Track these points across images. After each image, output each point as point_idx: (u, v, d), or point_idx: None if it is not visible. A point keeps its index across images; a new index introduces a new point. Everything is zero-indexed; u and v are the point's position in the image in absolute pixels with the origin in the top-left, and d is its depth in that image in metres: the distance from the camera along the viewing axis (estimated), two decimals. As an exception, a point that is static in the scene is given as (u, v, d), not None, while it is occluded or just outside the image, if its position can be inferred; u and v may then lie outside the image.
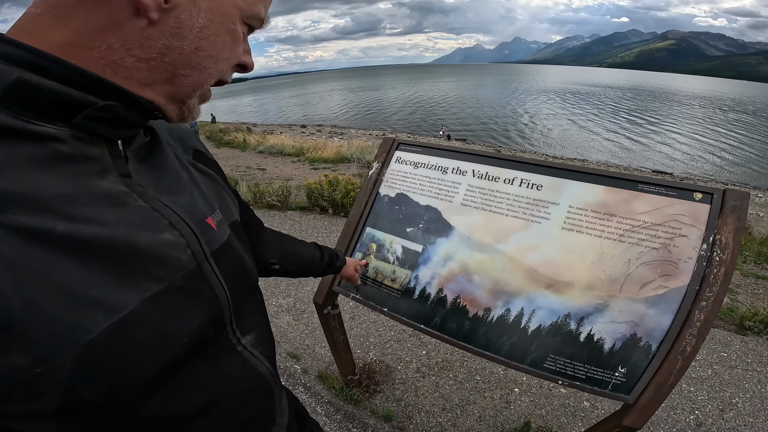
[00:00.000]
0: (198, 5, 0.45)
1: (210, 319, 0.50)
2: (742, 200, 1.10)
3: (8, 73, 0.36)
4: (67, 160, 0.39)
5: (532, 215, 1.28)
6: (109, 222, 0.40)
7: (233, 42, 0.50)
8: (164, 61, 0.44)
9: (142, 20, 0.41)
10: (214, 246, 0.53)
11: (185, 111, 0.50)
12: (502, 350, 1.26)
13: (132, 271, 0.41)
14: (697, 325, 1.07)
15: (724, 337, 3.08)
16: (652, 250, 1.12)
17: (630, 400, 1.13)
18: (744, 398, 2.45)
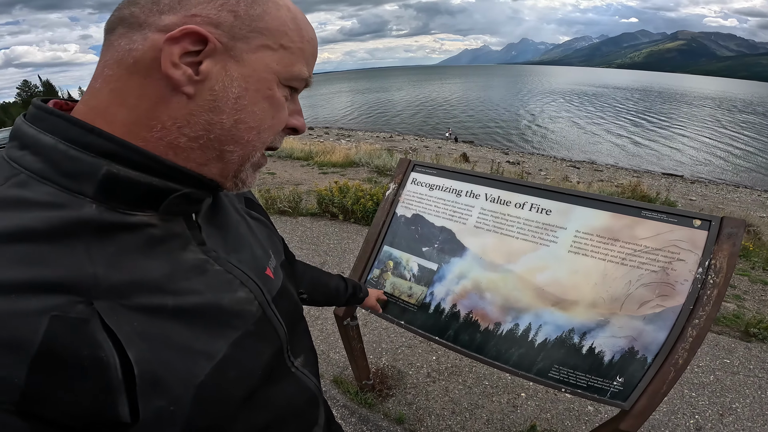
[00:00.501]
0: (230, 74, 0.47)
1: (274, 352, 0.59)
2: (737, 227, 1.19)
3: (98, 166, 0.42)
4: (160, 242, 0.46)
5: (541, 239, 1.39)
6: (199, 290, 0.48)
7: (273, 109, 0.52)
8: (210, 138, 0.47)
9: (182, 96, 0.45)
10: (273, 293, 0.61)
11: (239, 183, 0.54)
12: (510, 361, 1.37)
13: (219, 324, 0.50)
14: (689, 340, 1.17)
15: (728, 344, 3.12)
16: (651, 273, 1.22)
17: (626, 407, 1.23)
18: (744, 403, 2.50)
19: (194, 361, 0.46)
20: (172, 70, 0.43)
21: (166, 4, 0.44)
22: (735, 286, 4.28)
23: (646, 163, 22.21)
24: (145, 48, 0.43)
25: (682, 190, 14.87)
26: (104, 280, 0.40)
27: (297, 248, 4.54)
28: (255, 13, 0.47)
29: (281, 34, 0.50)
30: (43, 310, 0.36)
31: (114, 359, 0.39)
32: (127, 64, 0.44)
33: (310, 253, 4.44)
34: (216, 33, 0.45)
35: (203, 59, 0.45)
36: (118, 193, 0.43)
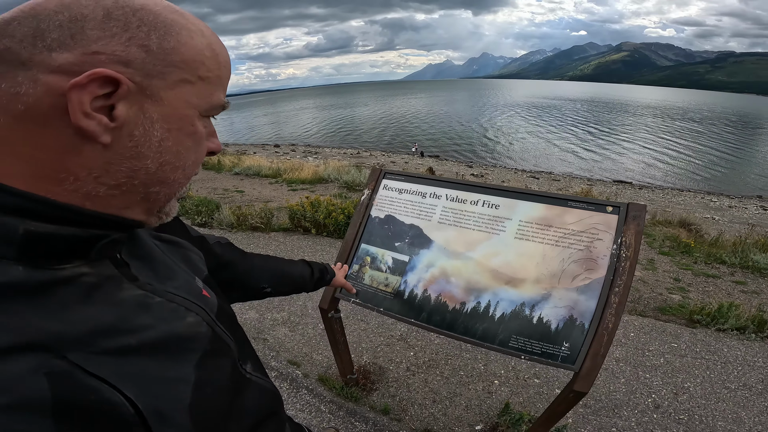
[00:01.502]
0: (149, 116, 0.43)
1: (231, 362, 0.60)
2: (640, 211, 1.51)
3: (14, 226, 0.38)
4: (96, 288, 0.44)
5: (492, 229, 1.67)
6: (151, 324, 0.47)
7: (197, 144, 0.50)
8: (134, 184, 0.45)
9: (97, 145, 0.41)
10: (215, 310, 0.61)
11: (163, 217, 0.52)
12: (477, 335, 1.61)
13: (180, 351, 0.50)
14: (613, 306, 1.45)
15: (674, 330, 3.40)
16: (579, 251, 1.52)
17: (576, 369, 1.47)
18: (695, 383, 2.75)
19: (176, 388, 0.47)
20: (85, 121, 0.39)
21: (55, 38, 0.39)
22: (680, 280, 4.65)
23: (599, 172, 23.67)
24: (38, 93, 0.38)
25: (630, 195, 15.94)
26: (63, 334, 0.39)
27: (273, 262, 4.65)
28: (169, 46, 0.43)
29: (198, 65, 0.46)
30: (34, 368, 0.36)
31: (119, 398, 0.40)
32: (14, 111, 0.38)
33: (286, 265, 4.56)
34: (127, 72, 0.41)
35: (115, 103, 0.41)
36: (42, 250, 0.40)
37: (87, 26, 0.40)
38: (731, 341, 3.26)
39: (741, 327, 3.39)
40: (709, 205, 15.38)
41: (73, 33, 0.39)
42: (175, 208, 0.54)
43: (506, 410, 2.35)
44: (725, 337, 3.32)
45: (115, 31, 0.40)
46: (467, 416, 2.40)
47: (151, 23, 0.43)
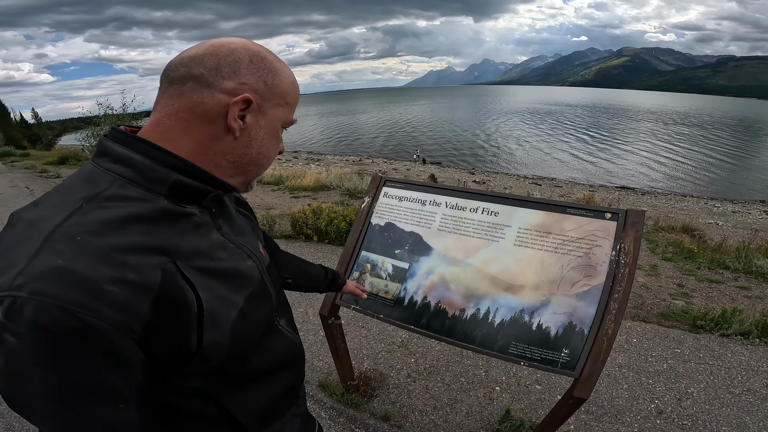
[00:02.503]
0: (259, 123, 0.69)
1: (270, 309, 0.79)
2: (638, 217, 1.52)
3: (169, 175, 0.62)
4: (200, 226, 0.67)
5: (492, 236, 1.68)
6: (225, 258, 0.69)
7: (278, 144, 0.76)
8: (242, 163, 0.70)
9: (230, 136, 0.66)
10: (266, 264, 0.81)
11: (248, 188, 0.77)
12: (476, 341, 1.62)
13: (239, 283, 0.70)
14: (613, 312, 1.46)
15: (678, 336, 3.37)
16: (578, 258, 1.52)
17: (575, 375, 1.48)
18: (698, 388, 2.71)
19: (228, 306, 0.66)
20: (233, 123, 0.65)
21: (227, 72, 0.65)
22: (683, 285, 4.61)
23: (601, 178, 23.63)
24: (213, 103, 0.64)
25: (633, 201, 15.90)
26: (179, 247, 0.60)
27: (275, 268, 4.66)
28: (275, 82, 0.69)
29: (286, 95, 0.72)
30: (157, 264, 0.56)
31: (193, 299, 0.59)
32: (197, 111, 0.64)
33: (288, 272, 4.57)
34: (255, 96, 0.66)
35: (246, 114, 0.67)
36: (181, 193, 0.63)
37: (242, 66, 0.66)
38: (735, 346, 3.22)
39: (745, 332, 3.36)
40: (712, 210, 15.31)
41: (235, 69, 0.65)
42: (254, 185, 0.78)
43: (507, 417, 2.34)
44: (729, 342, 3.29)
45: (253, 71, 0.67)
46: (468, 423, 2.39)
47: (269, 67, 0.69)
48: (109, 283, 0.50)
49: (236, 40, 0.69)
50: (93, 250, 0.51)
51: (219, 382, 0.68)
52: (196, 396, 0.67)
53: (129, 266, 0.53)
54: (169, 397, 0.63)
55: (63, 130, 70.87)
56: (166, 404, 0.64)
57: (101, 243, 0.52)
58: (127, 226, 0.55)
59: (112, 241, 0.53)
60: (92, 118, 16.68)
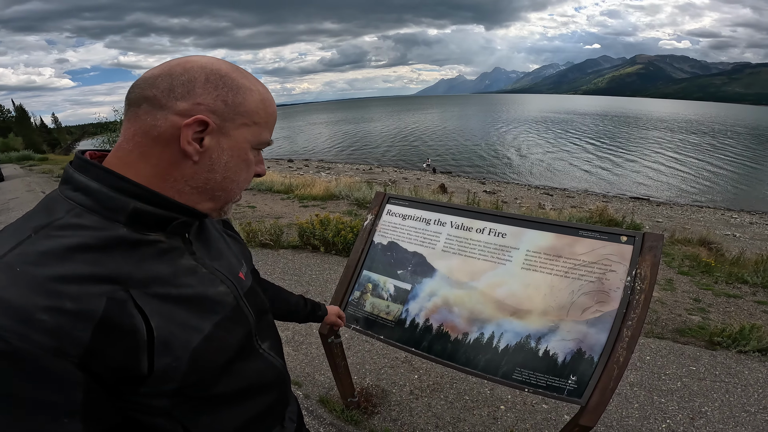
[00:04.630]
0: (221, 146, 0.67)
1: (246, 333, 0.79)
2: (656, 241, 1.44)
3: (128, 203, 0.61)
4: (167, 252, 0.67)
5: (498, 258, 1.61)
6: (192, 285, 0.69)
7: (247, 167, 0.73)
8: (206, 188, 0.68)
9: (189, 161, 0.65)
10: (244, 290, 0.81)
11: (222, 213, 0.76)
12: (479, 366, 1.55)
13: (207, 309, 0.70)
14: (626, 339, 1.38)
15: (693, 353, 3.27)
16: (590, 283, 1.45)
17: (582, 403, 1.41)
18: (713, 407, 2.62)
19: (190, 332, 0.66)
20: (187, 146, 0.63)
21: (180, 92, 0.62)
22: (700, 300, 4.49)
23: (615, 188, 23.23)
24: (166, 126, 0.62)
25: (648, 212, 15.57)
26: (134, 275, 0.60)
27: (279, 279, 4.63)
28: (237, 101, 0.66)
29: (253, 114, 0.69)
30: (102, 293, 0.56)
31: (142, 326, 0.59)
32: (152, 135, 0.63)
33: (292, 283, 4.54)
34: (213, 117, 0.64)
35: (204, 136, 0.64)
36: (141, 221, 0.63)
37: (196, 86, 0.63)
38: (753, 363, 3.14)
39: (763, 349, 3.28)
40: (729, 221, 14.92)
41: (189, 89, 0.63)
42: (231, 210, 0.77)
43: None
44: (746, 359, 3.20)
45: (209, 90, 0.64)
46: None
47: (229, 85, 0.66)
48: (42, 311, 0.51)
49: (197, 58, 0.67)
50: (29, 281, 0.53)
51: (182, 403, 0.69)
52: (160, 414, 0.68)
53: (66, 295, 0.54)
54: (133, 412, 0.65)
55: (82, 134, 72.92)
56: (132, 419, 0.65)
57: (39, 273, 0.53)
58: (72, 256, 0.56)
59: (51, 271, 0.54)
60: (109, 123, 17.06)
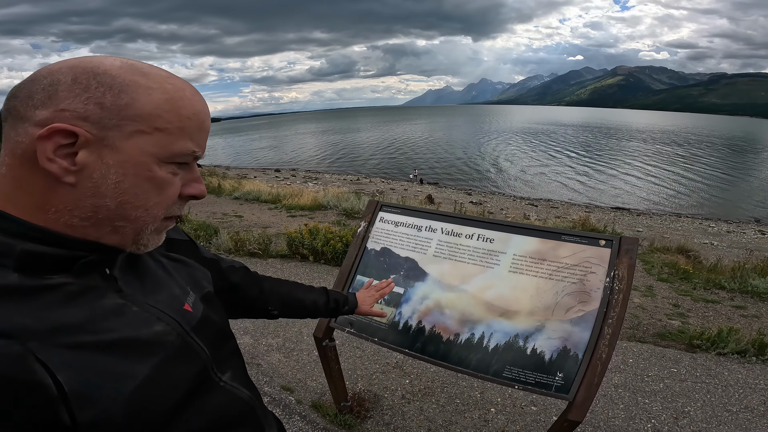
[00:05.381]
0: (106, 162, 0.52)
1: (199, 370, 0.67)
2: (632, 244, 1.55)
3: (13, 245, 0.50)
4: (78, 295, 0.54)
5: (487, 262, 1.71)
6: (117, 328, 0.56)
7: (158, 187, 0.57)
8: (99, 218, 0.54)
9: (66, 185, 0.51)
10: (193, 323, 0.69)
11: (141, 247, 0.61)
12: (471, 365, 1.62)
13: (140, 352, 0.58)
14: (607, 337, 1.47)
15: (674, 356, 3.41)
16: (572, 284, 1.54)
17: (570, 398, 1.49)
18: (695, 407, 2.73)
19: (119, 382, 0.55)
20: (48, 165, 0.50)
21: (39, 99, 0.51)
22: (679, 305, 4.66)
23: (597, 198, 23.76)
24: (27, 141, 0.50)
25: (629, 222, 15.98)
26: (32, 327, 0.49)
27: (270, 288, 4.65)
28: (122, 102, 0.52)
29: (155, 118, 0.54)
30: None
31: (49, 381, 0.49)
32: (17, 154, 0.51)
33: (283, 292, 4.56)
34: (85, 125, 0.50)
35: (78, 150, 0.51)
36: (35, 263, 0.51)
37: (60, 89, 0.50)
38: (732, 365, 3.27)
39: (741, 351, 3.42)
40: (707, 230, 15.40)
41: (50, 94, 0.50)
42: (155, 241, 0.63)
43: None
44: (726, 361, 3.33)
45: (78, 92, 0.51)
46: None
47: (107, 84, 0.52)
48: None
49: (75, 59, 0.55)
50: None
51: None
52: None
53: None
54: None
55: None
56: None
57: None
58: None
59: None
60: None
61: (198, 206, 10.61)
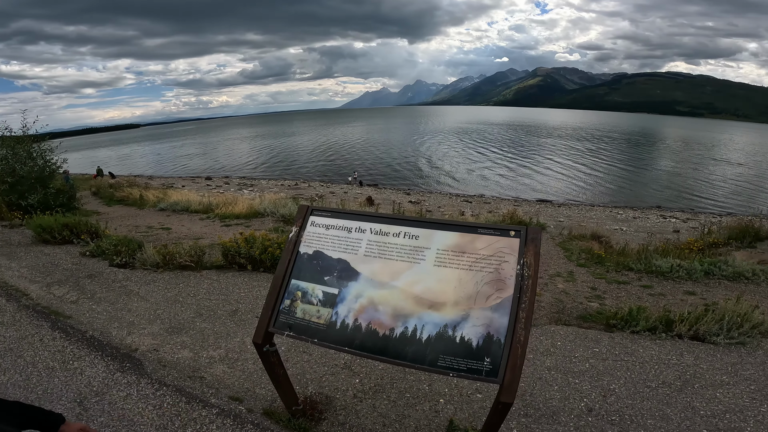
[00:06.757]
0: None
1: None
2: (536, 234, 1.74)
3: None
4: None
5: (413, 258, 1.82)
6: None
7: None
8: None
9: None
10: None
11: None
12: (408, 357, 1.71)
13: None
14: (522, 320, 1.63)
15: (595, 336, 3.69)
16: (489, 273, 1.70)
17: (499, 381, 1.61)
18: (619, 384, 2.95)
19: None
20: None
21: None
22: (596, 288, 5.09)
23: (524, 192, 25.59)
24: None
25: (551, 213, 17.39)
26: None
27: (204, 300, 4.46)
28: None
29: None
30: None
31: None
32: None
33: (219, 303, 4.39)
34: None
35: None
36: None
37: None
38: (645, 342, 3.57)
39: (651, 328, 3.72)
40: (617, 217, 17.20)
41: None
42: None
43: (451, 427, 2.42)
44: (639, 338, 3.63)
45: None
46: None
47: None
48: None
49: None
50: None
51: None
52: None
53: None
54: None
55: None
56: None
57: None
58: None
59: None
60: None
61: (117, 220, 9.78)
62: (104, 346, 3.36)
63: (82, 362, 3.08)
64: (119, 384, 2.81)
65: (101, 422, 2.42)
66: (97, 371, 2.96)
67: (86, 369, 2.99)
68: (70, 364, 3.06)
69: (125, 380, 2.85)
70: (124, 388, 2.76)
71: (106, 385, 2.79)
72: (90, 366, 3.03)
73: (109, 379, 2.87)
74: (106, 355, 3.20)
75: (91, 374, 2.92)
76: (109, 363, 3.07)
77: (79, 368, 3.00)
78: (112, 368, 3.00)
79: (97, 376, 2.89)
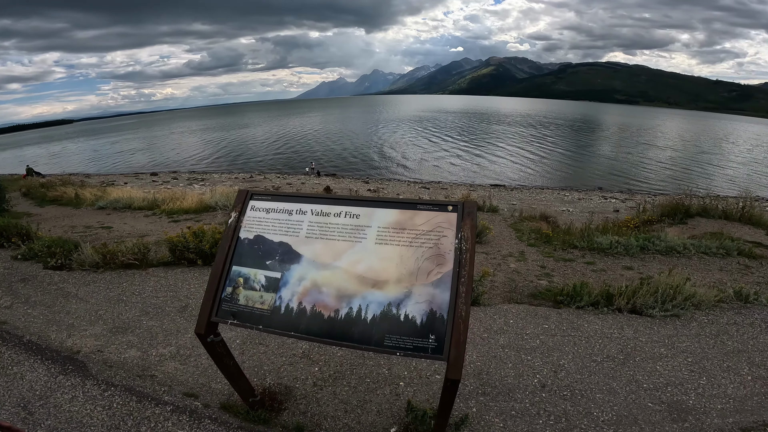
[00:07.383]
0: None
1: None
2: (472, 207, 1.78)
3: None
4: None
5: (354, 237, 1.81)
6: None
7: None
8: None
9: None
10: None
11: None
12: (354, 338, 1.71)
13: None
14: (463, 295, 1.66)
15: (544, 313, 3.83)
16: (429, 249, 1.73)
17: (444, 358, 1.63)
18: (568, 359, 3.06)
19: None
20: None
21: None
22: (545, 267, 5.31)
23: (479, 178, 26.35)
24: None
25: (504, 196, 18.05)
26: None
27: (151, 297, 4.25)
28: None
29: None
30: None
31: None
32: None
33: (168, 300, 4.20)
34: None
35: None
36: None
37: None
38: (589, 316, 3.73)
39: (594, 303, 3.91)
40: (564, 199, 18.17)
41: None
42: None
43: (410, 409, 2.45)
44: (583, 313, 3.80)
45: None
46: (380, 421, 2.47)
47: None
48: None
49: None
50: None
51: None
52: None
53: None
54: None
55: None
56: None
57: None
58: None
59: None
60: None
61: (51, 221, 9.01)
62: (43, 350, 3.17)
63: (22, 367, 2.92)
64: (63, 387, 2.68)
65: (49, 425, 2.32)
66: (39, 375, 2.81)
67: (26, 373, 2.83)
68: (10, 369, 2.89)
69: (69, 383, 2.72)
70: (69, 390, 2.64)
71: (50, 389, 2.66)
72: (30, 370, 2.87)
73: (51, 382, 2.73)
74: (47, 358, 3.03)
75: (32, 378, 2.77)
76: (50, 366, 2.92)
77: (19, 373, 2.84)
78: (53, 371, 2.85)
79: (39, 380, 2.75)
